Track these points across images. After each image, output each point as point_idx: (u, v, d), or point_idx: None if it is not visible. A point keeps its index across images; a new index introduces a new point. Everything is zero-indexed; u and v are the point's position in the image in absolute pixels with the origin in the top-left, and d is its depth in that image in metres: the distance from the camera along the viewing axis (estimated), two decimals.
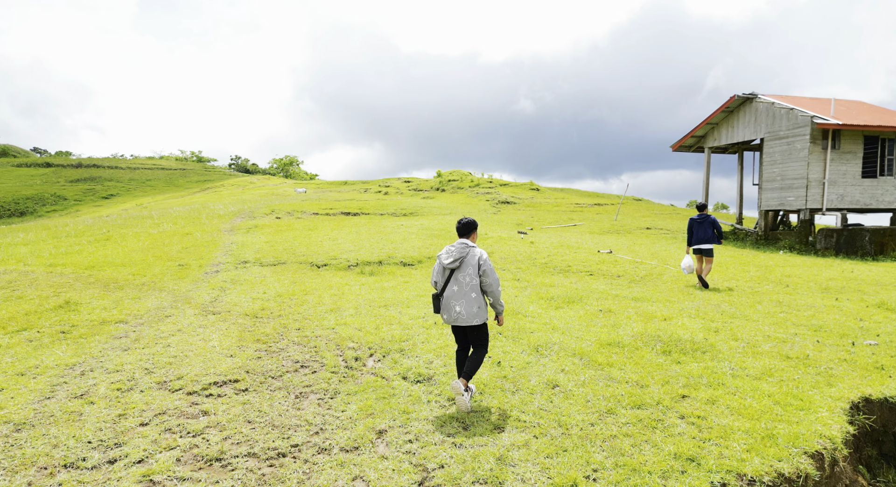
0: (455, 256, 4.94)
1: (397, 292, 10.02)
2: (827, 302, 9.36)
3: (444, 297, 4.99)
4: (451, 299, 4.93)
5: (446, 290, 4.98)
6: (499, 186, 37.72)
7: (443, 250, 5.08)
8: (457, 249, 4.97)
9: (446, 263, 4.96)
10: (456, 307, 4.90)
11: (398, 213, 25.69)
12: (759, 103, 18.04)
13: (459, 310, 4.89)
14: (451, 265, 4.95)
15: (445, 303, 4.97)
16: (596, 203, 32.51)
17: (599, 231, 20.89)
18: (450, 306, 4.93)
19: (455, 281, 4.94)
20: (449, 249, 5.03)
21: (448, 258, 4.96)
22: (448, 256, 4.98)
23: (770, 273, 12.29)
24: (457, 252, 4.95)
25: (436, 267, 5.12)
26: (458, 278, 4.93)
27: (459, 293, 4.90)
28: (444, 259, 4.98)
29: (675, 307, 8.87)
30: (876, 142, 17.06)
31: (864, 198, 16.88)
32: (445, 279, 5.01)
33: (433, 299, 5.02)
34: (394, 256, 13.55)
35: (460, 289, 4.91)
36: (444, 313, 5.00)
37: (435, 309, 5.03)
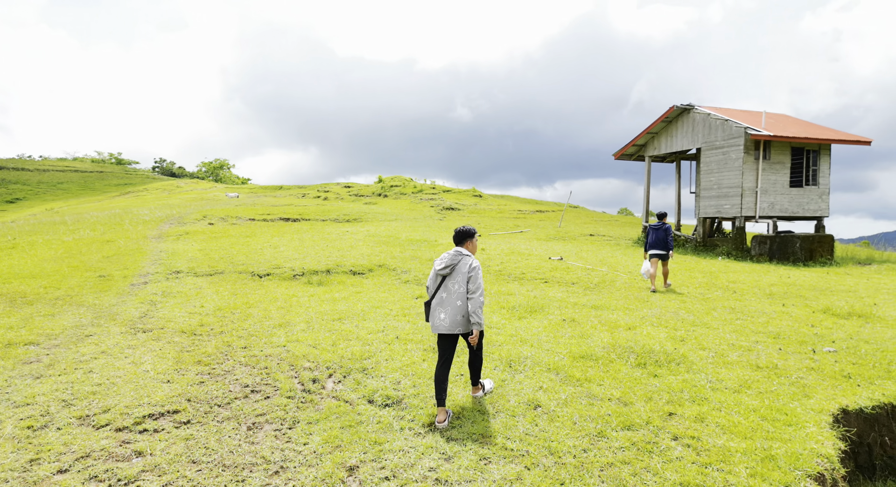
0: (447, 262, 4.88)
1: (350, 303, 9.40)
2: (775, 308, 9.59)
3: (432, 304, 4.96)
4: (438, 307, 4.88)
5: (435, 297, 4.95)
6: (442, 192, 37.50)
7: (437, 258, 5.05)
8: (450, 256, 4.92)
9: (438, 269, 4.91)
10: (440, 315, 4.85)
11: (341, 219, 24.83)
12: (696, 114, 18.73)
13: (444, 317, 4.82)
14: (442, 272, 4.89)
15: (432, 311, 4.93)
16: (538, 210, 32.90)
17: (546, 238, 20.98)
18: (435, 313, 4.89)
19: (444, 289, 4.89)
20: (443, 256, 4.98)
21: (440, 265, 4.91)
22: (441, 262, 4.93)
23: (716, 279, 12.60)
24: (449, 259, 4.89)
25: (431, 274, 5.08)
26: (448, 286, 4.87)
27: (447, 301, 4.84)
28: (437, 266, 4.93)
29: (636, 315, 8.79)
30: (802, 153, 18.11)
31: (791, 206, 17.84)
32: (437, 286, 4.97)
33: (425, 307, 5.01)
34: (342, 264, 12.86)
35: (448, 296, 4.85)
36: (430, 319, 4.96)
37: (426, 317, 5.01)
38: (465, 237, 5.03)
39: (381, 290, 10.70)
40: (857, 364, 6.30)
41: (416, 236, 18.11)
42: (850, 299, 10.53)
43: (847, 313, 9.00)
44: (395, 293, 10.34)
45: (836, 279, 12.75)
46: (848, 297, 10.71)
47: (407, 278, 11.84)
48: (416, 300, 9.72)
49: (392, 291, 10.61)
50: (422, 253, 14.71)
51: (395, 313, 8.69)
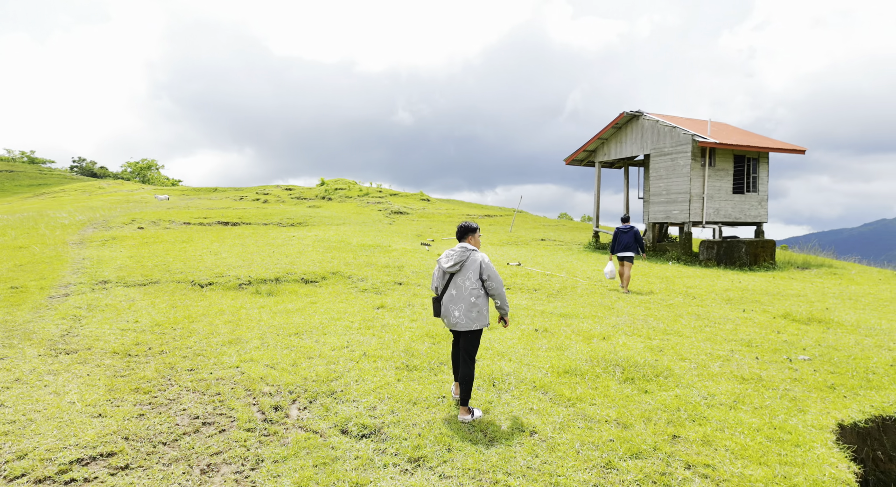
0: (455, 259, 4.84)
1: (306, 315, 8.65)
2: (738, 314, 9.65)
3: (443, 301, 4.92)
4: (450, 304, 4.86)
5: (445, 294, 4.91)
6: (389, 196, 36.75)
7: (442, 255, 4.99)
8: (457, 253, 4.87)
9: (446, 267, 4.87)
10: (455, 312, 4.83)
11: (285, 223, 23.66)
12: (645, 121, 19.09)
13: (458, 315, 4.82)
14: (451, 269, 4.85)
15: (444, 308, 4.90)
16: (486, 215, 32.81)
17: (499, 243, 20.76)
18: (448, 311, 4.87)
19: (454, 285, 4.86)
20: (449, 253, 4.93)
21: (448, 262, 4.87)
22: (448, 260, 4.88)
23: (673, 285, 12.69)
24: (457, 256, 4.85)
25: (435, 272, 5.05)
26: (458, 283, 4.85)
27: (458, 298, 4.83)
28: (444, 263, 4.89)
29: (607, 324, 8.56)
30: (743, 161, 18.80)
31: (734, 212, 18.48)
32: (445, 283, 4.94)
33: (433, 303, 4.97)
34: (292, 272, 12.01)
35: (459, 293, 4.83)
36: (444, 317, 4.94)
37: (435, 313, 4.98)
38: (468, 232, 5.01)
39: (337, 299, 9.98)
40: (836, 374, 6.26)
41: (369, 241, 17.40)
42: (804, 304, 10.80)
43: (807, 318, 9.15)
44: (354, 303, 9.67)
45: (783, 284, 13.16)
46: (800, 302, 10.99)
47: (364, 286, 11.17)
48: (377, 311, 9.09)
49: (350, 300, 9.92)
50: (376, 259, 14.05)
51: (358, 325, 8.04)
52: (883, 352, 7.19)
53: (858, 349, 7.33)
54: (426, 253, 15.67)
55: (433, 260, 14.31)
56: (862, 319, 9.37)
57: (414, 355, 6.57)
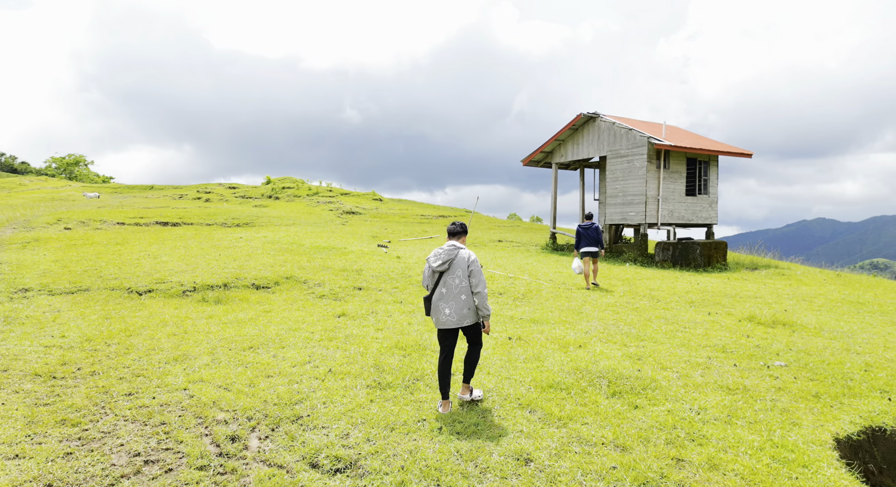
0: (443, 258, 4.88)
1: (260, 326, 7.93)
2: (703, 317, 9.62)
3: (432, 300, 4.94)
4: (440, 302, 4.89)
5: (435, 293, 4.94)
6: (340, 195, 35.73)
7: (431, 254, 5.00)
8: (445, 251, 4.91)
9: (435, 266, 4.90)
10: (445, 310, 4.86)
11: (230, 223, 22.41)
12: (602, 123, 19.19)
13: (449, 313, 4.85)
14: (439, 268, 4.88)
15: (434, 306, 4.93)
16: (440, 215, 32.41)
17: None
18: (438, 308, 4.90)
19: (444, 284, 4.89)
20: (437, 252, 4.95)
21: (436, 261, 4.90)
22: (436, 259, 4.91)
23: (636, 287, 12.65)
24: (445, 255, 4.89)
25: (425, 270, 5.07)
26: (447, 281, 4.88)
27: (448, 296, 4.86)
28: (433, 262, 4.92)
29: (579, 330, 8.29)
30: (695, 163, 19.21)
31: (687, 214, 18.85)
32: (435, 282, 4.97)
33: (424, 302, 5.00)
34: (242, 277, 11.16)
35: (449, 291, 4.87)
36: (433, 315, 4.96)
37: (426, 311, 5.01)
38: (459, 233, 5.06)
39: (294, 307, 9.27)
40: (816, 381, 6.18)
41: (323, 243, 16.60)
42: (763, 306, 10.94)
43: (771, 321, 9.20)
44: (313, 311, 8.99)
45: (738, 285, 13.40)
46: (760, 304, 11.13)
47: (322, 291, 10.49)
48: (339, 320, 8.47)
49: (308, 308, 9.24)
50: (332, 262, 13.34)
51: (320, 336, 7.41)
52: (853, 356, 7.23)
53: (829, 353, 7.35)
54: (384, 256, 15.07)
55: (392, 263, 13.74)
56: (822, 321, 9.53)
57: (385, 370, 6.03)
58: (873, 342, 8.04)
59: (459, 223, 5.12)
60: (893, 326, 9.47)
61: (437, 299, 4.90)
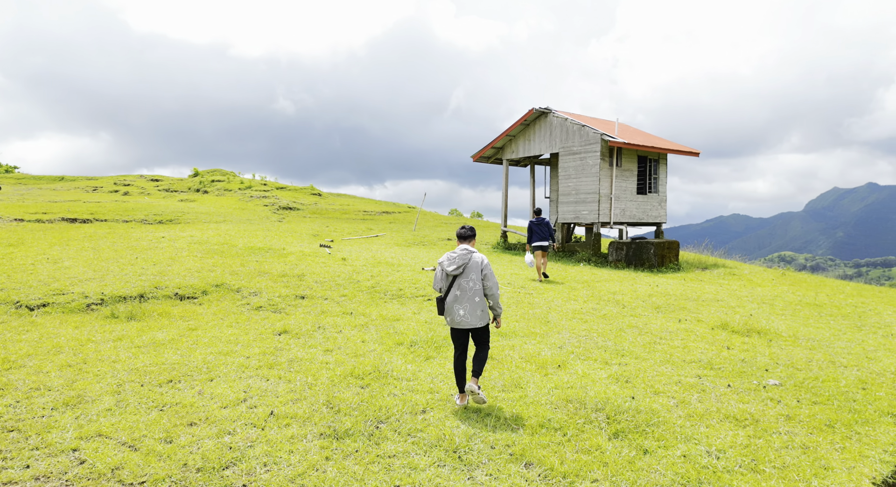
0: (458, 263, 5.02)
1: (184, 349, 6.60)
2: (675, 325, 9.10)
3: (446, 301, 5.08)
4: (455, 304, 5.04)
5: (449, 295, 5.07)
6: (276, 189, 33.66)
7: (443, 257, 5.14)
8: (459, 255, 5.05)
9: (449, 270, 5.02)
10: (459, 311, 5.02)
11: (151, 220, 20.26)
12: (554, 118, 18.64)
13: (463, 314, 5.01)
14: (454, 272, 5.01)
15: (448, 307, 5.07)
16: (384, 211, 31.15)
17: (404, 243, 19.29)
18: (453, 310, 5.05)
19: (458, 286, 5.04)
20: (451, 255, 5.09)
21: (451, 265, 5.03)
22: (451, 263, 5.04)
23: (596, 290, 12.08)
24: (459, 259, 5.03)
25: (438, 273, 5.17)
26: (461, 284, 5.03)
27: (462, 298, 5.02)
28: (447, 266, 5.04)
29: (552, 345, 7.50)
30: (645, 162, 19.05)
31: (638, 212, 18.67)
32: (448, 285, 5.09)
33: (437, 303, 5.13)
34: (163, 285, 9.63)
35: (463, 294, 5.02)
36: (447, 316, 5.11)
37: (439, 311, 5.15)
38: (469, 237, 5.20)
39: (225, 323, 7.95)
40: (820, 404, 5.65)
41: (258, 243, 15.07)
42: (727, 310, 10.61)
43: (745, 329, 8.78)
44: (248, 327, 7.72)
45: (696, 287, 13.14)
46: (724, 308, 10.80)
47: (258, 302, 9.17)
48: (279, 338, 7.25)
49: (242, 324, 7.94)
50: (270, 266, 11.95)
51: (257, 362, 6.19)
52: (842, 371, 6.82)
53: (817, 367, 6.91)
54: (328, 257, 13.79)
55: (337, 266, 12.51)
56: (792, 328, 9.23)
57: (340, 409, 4.95)
58: (854, 352, 7.72)
59: (469, 227, 5.25)
60: (860, 331, 9.31)
61: (451, 301, 5.06)
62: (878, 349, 7.97)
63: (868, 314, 10.67)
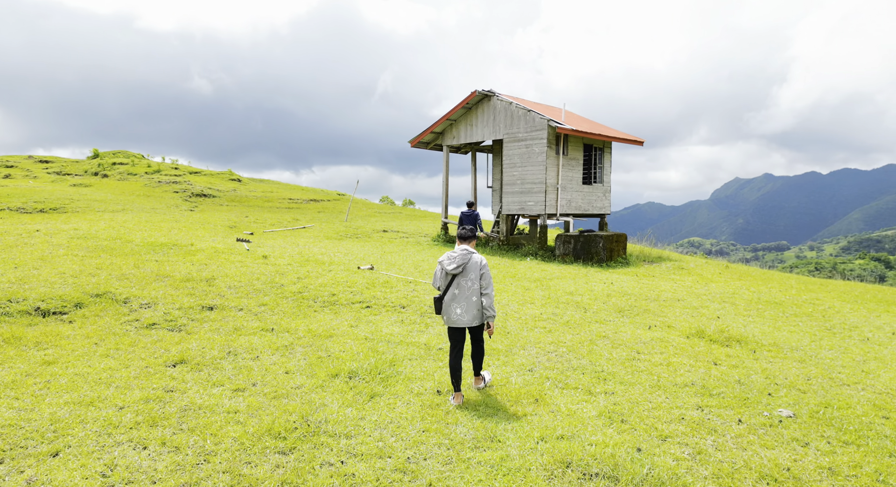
0: (458, 262, 5.08)
1: (26, 398, 4.73)
2: (646, 333, 8.13)
3: (444, 300, 5.14)
4: (452, 303, 5.11)
5: (447, 294, 5.14)
6: (189, 174, 30.47)
7: (443, 256, 5.20)
8: (459, 255, 5.10)
9: (450, 269, 5.08)
10: (457, 310, 5.10)
11: (30, 208, 17.23)
12: (498, 102, 17.41)
13: (460, 312, 5.09)
14: (454, 271, 5.08)
15: (446, 306, 5.14)
16: (312, 199, 28.92)
17: (336, 236, 17.48)
18: (450, 309, 5.13)
19: (456, 286, 5.12)
20: (451, 255, 5.14)
21: (451, 265, 5.09)
22: (451, 262, 5.10)
23: (550, 290, 10.99)
24: (460, 259, 5.09)
25: (437, 273, 5.24)
26: (460, 283, 5.11)
27: (460, 297, 5.10)
28: (448, 266, 5.10)
29: (519, 366, 6.26)
30: (591, 150, 18.27)
31: (584, 203, 17.89)
32: (447, 283, 5.16)
33: (435, 302, 5.18)
34: (20, 297, 7.49)
35: (461, 293, 5.10)
36: (444, 315, 5.18)
37: (437, 310, 5.19)
38: (470, 238, 5.25)
39: (99, 350, 6.06)
40: (853, 445, 4.72)
41: (161, 238, 12.83)
42: (691, 312, 9.83)
43: (722, 338, 7.93)
44: (132, 357, 5.89)
45: (651, 284, 12.40)
46: (687, 310, 10.02)
47: (151, 317, 7.28)
48: (173, 373, 5.50)
49: (124, 350, 6.08)
50: (173, 267, 9.93)
51: (133, 416, 4.46)
52: (846, 389, 6.02)
53: (819, 387, 6.07)
54: (246, 255, 11.86)
55: (257, 265, 10.66)
56: (767, 333, 8.52)
57: None
58: (846, 365, 7.01)
59: (470, 229, 5.28)
60: (834, 335, 8.76)
61: (449, 300, 5.12)
62: (867, 360, 7.33)
63: (830, 313, 10.25)
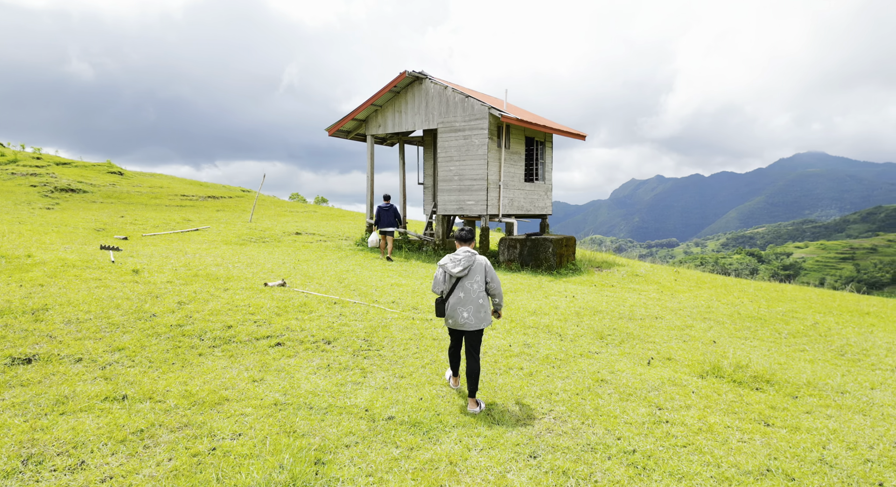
0: (464, 264, 4.99)
1: None
2: (650, 373, 6.34)
3: (449, 303, 5.05)
4: (458, 306, 5.01)
5: (451, 297, 5.05)
6: (55, 165, 25.59)
7: (446, 259, 5.09)
8: (464, 258, 5.03)
9: (455, 271, 4.98)
10: (464, 314, 4.99)
11: None
12: (431, 86, 15.23)
13: (467, 316, 4.99)
14: (460, 274, 4.98)
15: (451, 310, 5.04)
16: (210, 196, 25.21)
17: (237, 240, 14.47)
18: (456, 312, 5.02)
19: (461, 288, 5.02)
20: (454, 257, 5.05)
21: (456, 267, 4.99)
22: (455, 265, 5.01)
23: (508, 308, 8.99)
24: (465, 261, 5.01)
25: (439, 276, 5.12)
26: (465, 286, 5.02)
27: (466, 300, 5.00)
28: (452, 268, 5.00)
29: (515, 451, 4.16)
30: (533, 144, 16.60)
31: (526, 203, 16.17)
32: (451, 287, 5.07)
33: (437, 304, 5.10)
34: None
35: (467, 296, 5.00)
36: (449, 318, 5.08)
37: (438, 313, 5.12)
38: (472, 236, 5.20)
39: None
40: None
41: None
42: (682, 335, 8.23)
43: (749, 377, 6.27)
44: None
45: (616, 297, 10.79)
46: (675, 332, 8.41)
47: None
48: None
49: None
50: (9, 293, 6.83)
51: None
52: None
53: None
54: (110, 269, 8.82)
55: (124, 284, 7.74)
56: (787, 366, 7.01)
57: None
58: None
59: (469, 230, 5.18)
60: (854, 363, 7.45)
61: (454, 304, 5.00)
62: None
63: (825, 332, 9.06)
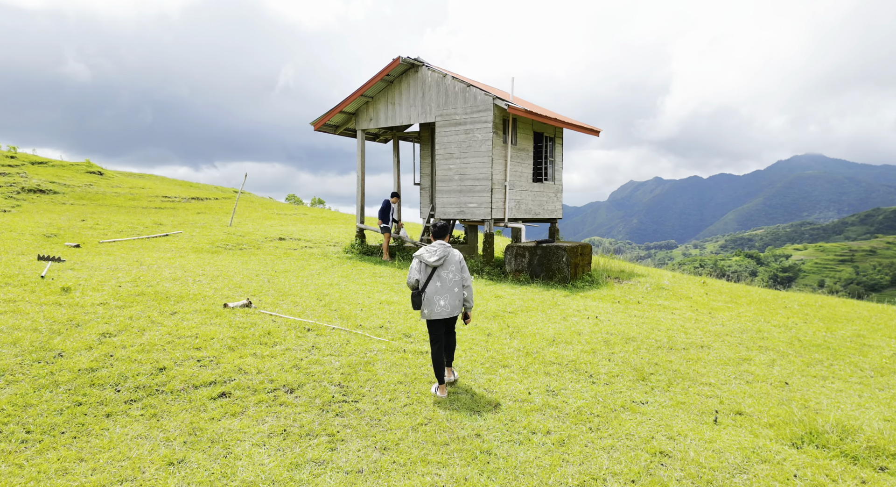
0: (439, 253, 5.17)
1: None
2: (719, 437, 4.70)
3: (426, 293, 5.19)
4: (435, 295, 5.18)
5: (429, 286, 5.19)
6: (29, 164, 23.97)
7: (421, 251, 5.24)
8: (440, 248, 5.20)
9: (431, 261, 5.14)
10: (440, 302, 5.18)
11: None
12: (429, 74, 13.60)
13: (444, 304, 5.18)
14: (435, 263, 5.14)
15: (428, 299, 5.18)
16: (194, 197, 23.57)
17: (210, 247, 12.83)
18: (433, 301, 5.17)
19: (437, 278, 5.20)
20: (430, 249, 5.21)
21: (432, 257, 5.15)
22: (432, 254, 5.17)
23: (520, 334, 7.34)
24: (441, 251, 5.18)
25: (415, 266, 5.24)
26: (441, 276, 5.20)
27: (443, 289, 5.19)
28: (428, 258, 5.15)
29: None
30: (542, 140, 14.98)
31: (534, 206, 14.52)
32: (427, 277, 5.20)
33: (413, 298, 5.21)
34: None
35: (443, 285, 5.20)
36: (425, 307, 5.20)
37: (415, 306, 5.22)
38: (447, 231, 5.40)
39: None
40: None
41: None
42: (741, 374, 6.58)
43: (865, 450, 4.63)
44: None
45: (647, 318, 9.15)
46: (733, 369, 6.77)
47: None
48: None
49: None
50: None
51: None
52: None
53: None
54: (35, 286, 7.16)
55: (41, 308, 6.09)
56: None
57: None
58: None
59: (443, 223, 5.37)
60: None
61: (431, 293, 5.15)
62: None
63: None
